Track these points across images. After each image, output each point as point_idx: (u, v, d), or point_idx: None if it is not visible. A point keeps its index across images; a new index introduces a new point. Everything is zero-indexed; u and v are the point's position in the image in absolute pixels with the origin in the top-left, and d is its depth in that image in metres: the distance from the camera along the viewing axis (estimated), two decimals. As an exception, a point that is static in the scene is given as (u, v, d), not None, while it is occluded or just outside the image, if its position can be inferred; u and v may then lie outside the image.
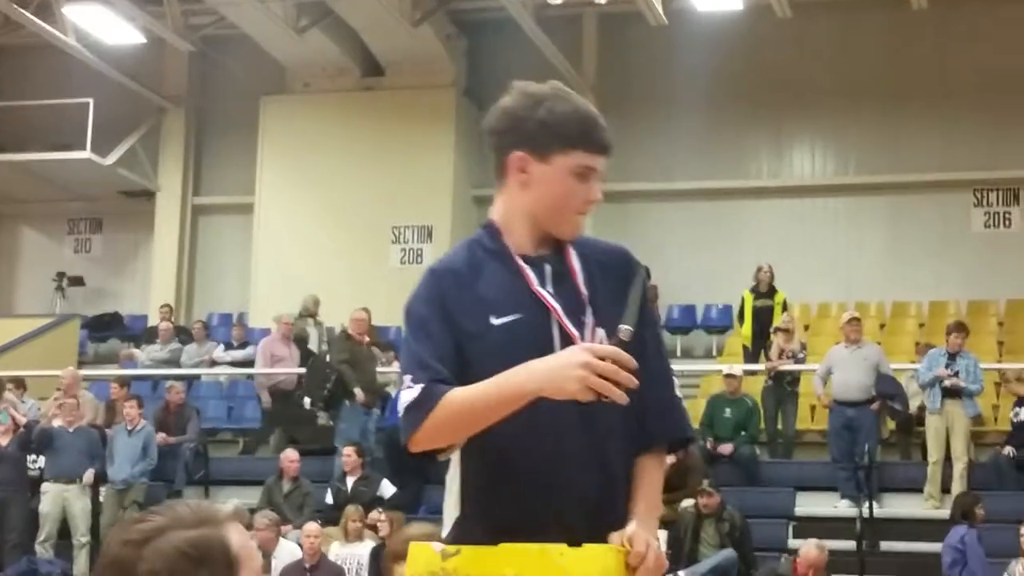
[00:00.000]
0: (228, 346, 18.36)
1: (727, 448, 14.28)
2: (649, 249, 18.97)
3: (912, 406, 14.46)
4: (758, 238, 19.19)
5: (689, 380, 17.51)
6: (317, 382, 14.91)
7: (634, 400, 2.67)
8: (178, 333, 18.96)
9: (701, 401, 15.56)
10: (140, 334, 20.24)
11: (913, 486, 13.84)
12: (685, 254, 19.68)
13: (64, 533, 13.92)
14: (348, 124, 20.31)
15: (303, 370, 15.71)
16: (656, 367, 2.89)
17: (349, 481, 13.47)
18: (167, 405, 15.71)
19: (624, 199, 19.92)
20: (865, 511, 13.02)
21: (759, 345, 16.11)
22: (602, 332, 2.76)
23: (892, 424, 14.84)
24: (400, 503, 13.12)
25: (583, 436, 2.77)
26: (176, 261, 21.49)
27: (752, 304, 16.39)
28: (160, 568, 1.85)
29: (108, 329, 21.40)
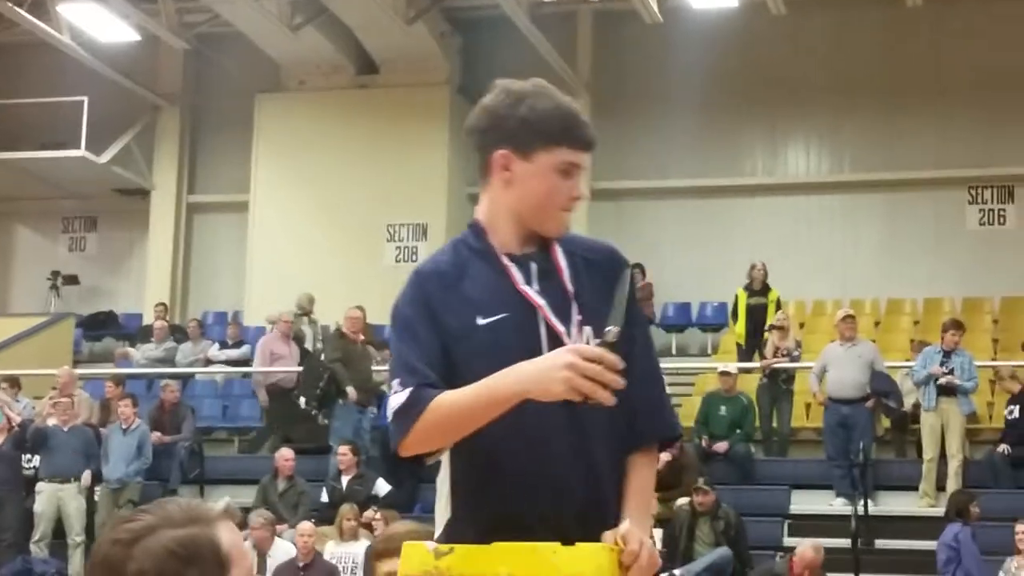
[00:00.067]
0: (223, 345, 18.35)
1: (722, 446, 14.26)
2: (644, 247, 18.99)
3: (907, 403, 14.46)
4: (753, 236, 19.18)
5: (684, 378, 17.52)
6: (311, 381, 14.92)
7: (623, 400, 2.66)
8: (173, 332, 18.95)
9: (696, 399, 15.56)
10: (135, 333, 20.22)
11: (908, 484, 13.85)
12: (680, 252, 19.67)
13: (59, 532, 13.90)
14: (343, 122, 20.29)
15: (300, 368, 15.69)
16: (645, 366, 2.88)
17: (344, 480, 13.46)
18: (162, 404, 15.69)
19: (619, 197, 19.94)
20: (860, 509, 13.02)
21: (752, 343, 16.12)
22: (589, 329, 2.74)
23: (887, 422, 14.83)
24: (395, 502, 13.11)
25: (570, 436, 2.76)
26: (171, 259, 21.46)
27: (746, 302, 16.39)
28: (148, 568, 1.84)
29: (103, 328, 21.36)
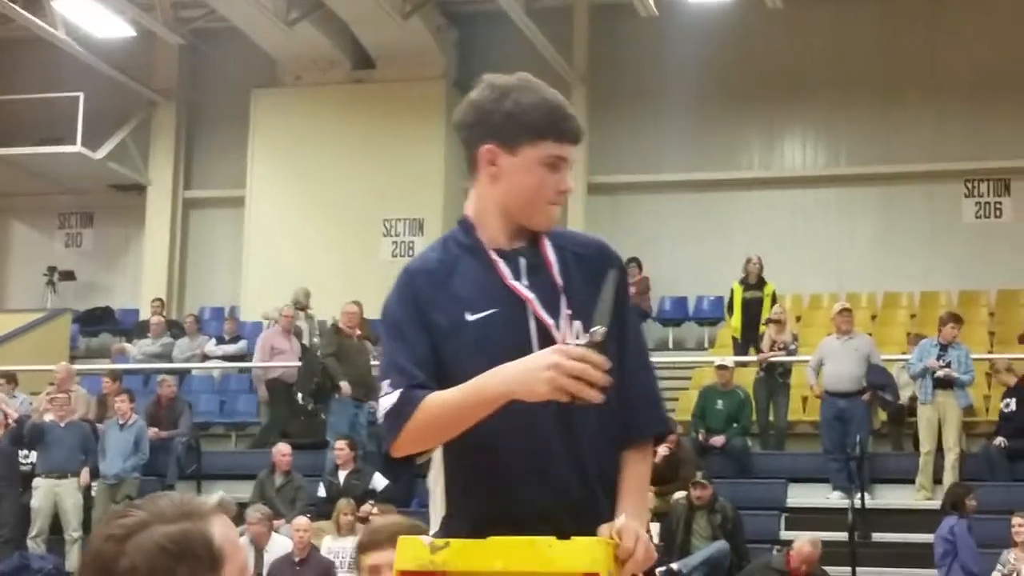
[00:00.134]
0: (220, 340, 18.34)
1: (719, 440, 14.27)
2: (641, 241, 18.99)
3: (903, 397, 14.48)
4: (750, 229, 19.17)
5: (681, 372, 17.51)
6: (307, 375, 14.92)
7: (615, 395, 2.68)
8: (170, 327, 18.94)
9: (693, 393, 15.56)
10: (131, 328, 20.20)
11: (905, 477, 13.86)
12: (677, 246, 19.67)
13: (56, 528, 13.89)
14: (339, 117, 20.27)
15: (297, 363, 15.68)
16: (637, 362, 2.89)
17: (341, 475, 13.46)
18: (159, 399, 15.69)
19: (615, 191, 19.94)
20: (857, 502, 13.02)
21: (748, 337, 16.12)
22: (579, 324, 2.72)
23: (883, 415, 14.84)
24: (392, 496, 13.11)
25: (562, 431, 2.75)
26: (167, 255, 21.43)
27: (741, 296, 16.39)
28: (140, 564, 1.83)
29: (99, 323, 21.34)
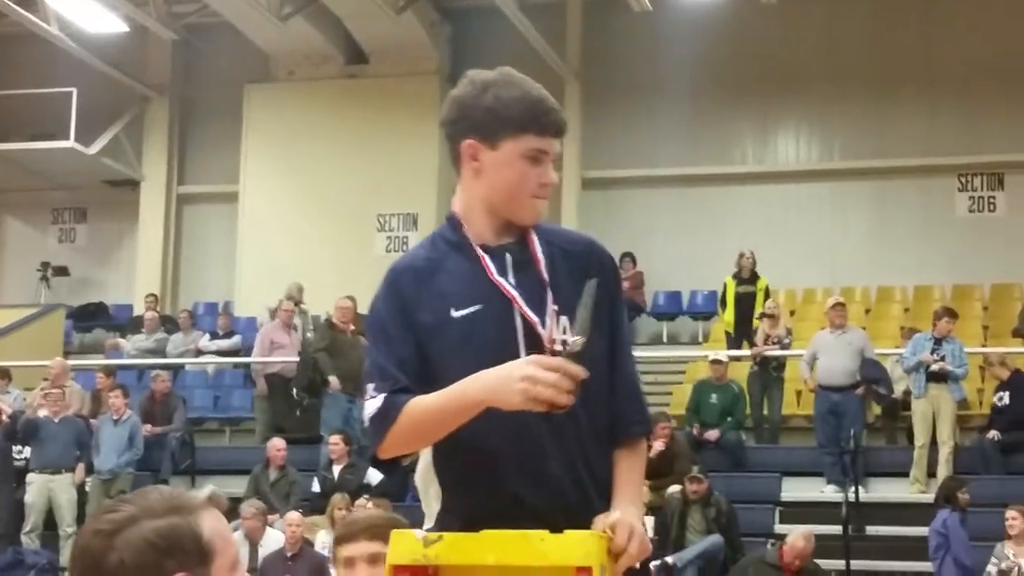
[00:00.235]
0: (214, 335, 18.32)
1: (713, 434, 14.28)
2: (634, 235, 19.01)
3: (897, 390, 14.49)
4: (743, 224, 19.18)
5: (675, 366, 17.53)
6: (301, 370, 14.93)
7: (605, 394, 2.74)
8: (163, 322, 18.93)
9: (687, 387, 15.57)
10: (125, 324, 20.20)
11: (899, 470, 13.87)
12: (670, 240, 19.68)
13: (50, 524, 13.89)
14: (332, 112, 20.26)
15: (290, 358, 15.66)
16: (627, 362, 2.90)
17: (336, 469, 13.46)
18: (153, 395, 15.67)
19: (609, 186, 19.93)
20: (851, 496, 13.04)
21: (741, 331, 16.14)
22: (565, 320, 2.71)
23: (877, 409, 14.86)
24: (387, 490, 13.10)
25: (552, 427, 2.74)
26: (161, 250, 21.42)
27: (734, 290, 16.41)
28: (128, 559, 1.83)
29: (93, 319, 21.34)
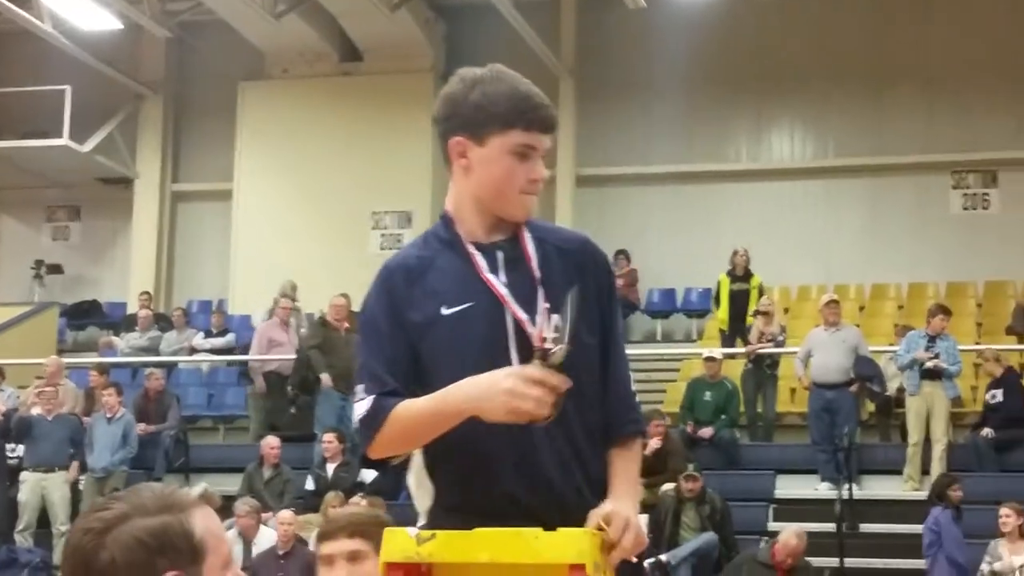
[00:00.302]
0: (208, 333, 18.32)
1: (707, 431, 14.28)
2: (629, 233, 19.02)
3: (891, 388, 14.50)
4: (738, 221, 19.19)
5: (669, 364, 17.54)
6: (296, 368, 14.93)
7: (598, 394, 2.79)
8: (157, 320, 18.92)
9: (681, 384, 15.57)
10: (119, 322, 20.19)
11: (892, 468, 13.88)
12: (665, 238, 19.68)
13: (43, 522, 13.88)
14: (327, 110, 20.25)
15: (285, 357, 15.64)
16: (620, 363, 2.91)
17: (329, 467, 13.45)
18: (146, 393, 15.66)
19: (603, 183, 19.94)
20: (845, 493, 13.03)
21: (736, 329, 16.15)
22: (557, 317, 2.70)
23: (871, 406, 14.87)
24: (381, 488, 13.09)
25: (545, 432, 2.73)
26: (155, 248, 21.40)
27: (728, 288, 16.41)
28: (119, 557, 1.83)
29: (87, 317, 21.32)
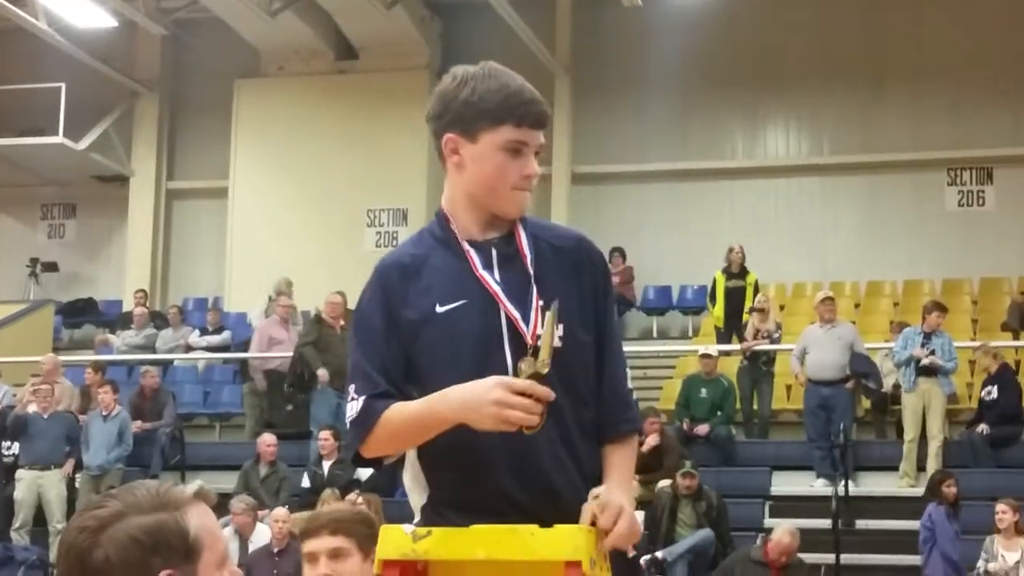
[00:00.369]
0: (203, 331, 18.30)
1: (703, 428, 14.29)
2: (624, 230, 19.02)
3: (887, 384, 14.51)
4: (733, 218, 19.21)
5: (665, 361, 17.54)
6: (292, 365, 14.92)
7: (593, 392, 2.80)
8: (153, 318, 18.90)
9: (677, 381, 15.58)
10: (115, 319, 20.16)
11: (888, 464, 13.90)
12: (660, 235, 19.69)
13: (40, 520, 13.87)
14: (322, 107, 20.23)
15: (288, 354, 15.61)
16: (616, 362, 2.91)
17: (326, 465, 13.45)
18: (142, 390, 15.65)
19: (599, 180, 19.94)
20: (841, 490, 13.05)
21: (731, 326, 16.15)
22: (550, 315, 2.70)
23: (867, 403, 14.88)
24: (377, 486, 13.09)
25: (544, 432, 2.72)
26: (151, 246, 21.39)
27: (724, 285, 16.41)
28: (113, 556, 1.82)
29: (82, 315, 21.30)
